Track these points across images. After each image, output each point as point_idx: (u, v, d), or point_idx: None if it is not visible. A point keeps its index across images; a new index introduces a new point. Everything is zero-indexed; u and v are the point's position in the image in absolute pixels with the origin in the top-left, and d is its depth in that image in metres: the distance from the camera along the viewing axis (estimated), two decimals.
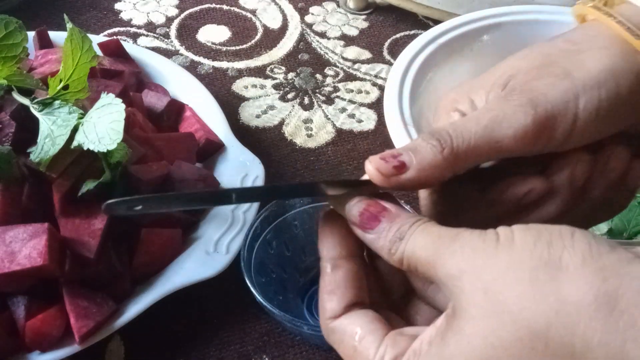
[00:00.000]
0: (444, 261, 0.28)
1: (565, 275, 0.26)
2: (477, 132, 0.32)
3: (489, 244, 0.28)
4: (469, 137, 0.32)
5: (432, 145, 0.32)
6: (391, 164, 0.32)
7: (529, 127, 0.32)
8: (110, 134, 0.48)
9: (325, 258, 0.32)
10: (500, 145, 0.32)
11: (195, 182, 0.58)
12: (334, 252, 0.32)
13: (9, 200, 0.50)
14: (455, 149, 0.32)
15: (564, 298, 0.25)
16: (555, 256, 0.26)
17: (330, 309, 0.31)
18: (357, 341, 0.30)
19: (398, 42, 0.82)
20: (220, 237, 0.55)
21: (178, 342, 0.53)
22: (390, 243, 0.30)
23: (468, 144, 0.32)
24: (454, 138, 0.32)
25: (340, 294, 0.31)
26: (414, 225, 0.30)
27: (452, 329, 0.28)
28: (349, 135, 0.71)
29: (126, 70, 0.67)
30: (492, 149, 0.32)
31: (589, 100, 0.33)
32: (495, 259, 0.27)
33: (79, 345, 0.48)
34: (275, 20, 0.85)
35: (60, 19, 0.60)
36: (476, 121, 0.33)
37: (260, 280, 0.52)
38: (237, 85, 0.75)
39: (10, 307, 0.49)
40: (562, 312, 0.25)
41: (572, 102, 0.33)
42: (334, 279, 0.31)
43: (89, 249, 0.50)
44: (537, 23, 0.70)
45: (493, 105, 0.33)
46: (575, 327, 0.25)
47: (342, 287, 0.31)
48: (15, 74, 0.55)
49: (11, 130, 0.53)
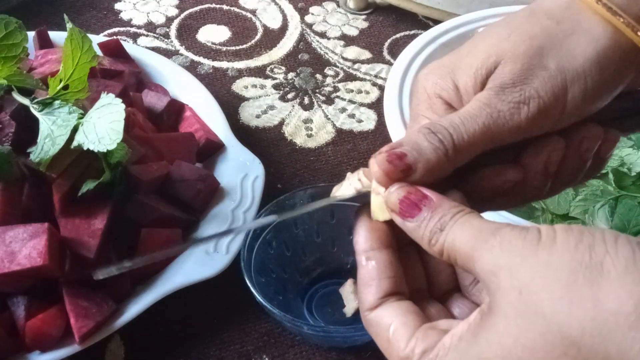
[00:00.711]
0: (481, 255, 0.28)
1: (605, 281, 0.25)
2: (476, 131, 0.33)
3: (530, 242, 0.27)
4: (469, 137, 0.32)
5: (435, 147, 0.32)
6: (399, 168, 0.32)
7: (523, 123, 0.33)
8: (110, 134, 0.48)
9: (359, 251, 0.33)
10: (496, 140, 0.33)
11: (195, 182, 0.58)
12: (366, 245, 0.32)
13: (9, 200, 0.50)
14: (457, 149, 0.32)
15: (602, 305, 0.25)
16: (597, 260, 0.26)
17: (367, 301, 0.31)
18: (391, 333, 0.30)
19: (398, 42, 0.82)
20: (220, 237, 0.55)
21: (178, 342, 0.53)
22: (430, 233, 0.30)
23: (469, 143, 0.32)
24: (455, 139, 0.32)
25: (375, 285, 0.31)
26: (455, 216, 0.30)
27: (484, 326, 0.27)
28: (349, 135, 0.71)
29: (126, 70, 0.67)
30: (488, 144, 0.33)
31: (577, 90, 0.34)
32: (535, 258, 0.27)
33: (79, 345, 0.48)
34: (275, 20, 0.85)
35: (60, 19, 0.60)
36: (475, 120, 0.33)
37: (260, 280, 0.52)
38: (237, 85, 0.75)
39: (10, 307, 0.49)
40: (598, 318, 0.25)
41: (562, 95, 0.34)
42: (367, 271, 0.32)
43: (89, 249, 0.50)
44: None
45: (487, 101, 0.34)
46: (612, 335, 0.24)
47: (376, 279, 0.32)
48: (15, 74, 0.55)
49: (11, 130, 0.53)
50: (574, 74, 0.33)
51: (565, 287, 0.26)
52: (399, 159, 0.32)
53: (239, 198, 0.58)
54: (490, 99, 0.34)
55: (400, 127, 0.59)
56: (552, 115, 0.34)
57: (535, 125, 0.33)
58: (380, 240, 0.33)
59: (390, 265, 0.32)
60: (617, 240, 0.26)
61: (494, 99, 0.34)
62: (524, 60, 0.34)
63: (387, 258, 0.32)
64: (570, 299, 0.25)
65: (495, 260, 0.28)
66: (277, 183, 0.65)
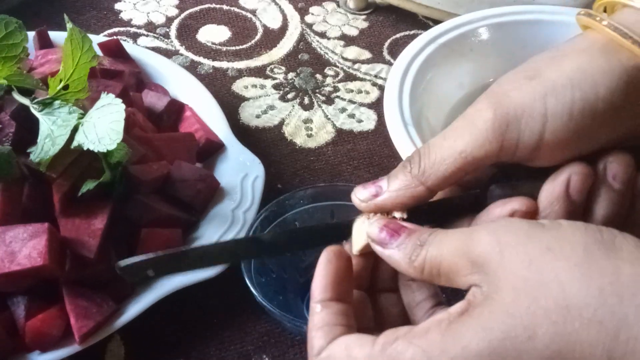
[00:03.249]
0: (480, 239, 0.28)
1: (620, 254, 0.26)
2: (441, 145, 0.32)
3: (535, 226, 0.28)
4: (434, 152, 0.32)
5: (402, 167, 0.33)
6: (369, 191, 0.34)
7: (489, 132, 0.31)
8: (110, 134, 0.48)
9: (315, 299, 0.32)
10: (466, 155, 0.32)
11: (195, 182, 0.58)
12: (325, 295, 0.32)
13: (9, 200, 0.50)
14: (422, 166, 0.32)
15: (620, 270, 0.25)
16: (608, 239, 0.26)
17: (317, 346, 0.31)
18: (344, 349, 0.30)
19: (398, 42, 0.82)
20: (220, 237, 0.55)
21: (178, 342, 0.53)
22: (410, 251, 0.30)
23: (434, 159, 0.32)
24: (422, 156, 0.33)
25: (327, 330, 0.31)
26: (434, 232, 0.31)
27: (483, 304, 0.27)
28: (349, 135, 0.71)
29: (126, 70, 0.67)
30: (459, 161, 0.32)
31: (558, 102, 0.31)
32: (542, 235, 0.27)
33: (79, 345, 0.48)
34: (275, 20, 0.85)
35: (60, 19, 0.60)
36: (443, 136, 0.33)
37: (260, 280, 0.52)
38: (237, 85, 0.75)
39: (10, 307, 0.49)
40: (617, 282, 0.25)
41: (538, 102, 0.31)
42: (322, 318, 0.32)
43: (89, 249, 0.50)
44: (537, 23, 0.70)
45: (460, 115, 0.33)
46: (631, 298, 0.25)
47: (329, 325, 0.31)
48: (15, 74, 0.55)
49: (11, 130, 0.53)
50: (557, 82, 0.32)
51: (582, 256, 0.26)
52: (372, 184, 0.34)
53: (239, 198, 0.58)
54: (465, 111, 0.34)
55: (400, 127, 0.59)
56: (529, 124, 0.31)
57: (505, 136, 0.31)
58: (340, 293, 0.32)
59: (345, 315, 0.32)
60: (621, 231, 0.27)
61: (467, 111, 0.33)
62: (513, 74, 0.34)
63: (342, 309, 0.32)
64: (589, 266, 0.26)
65: (499, 239, 0.28)
66: (277, 183, 0.65)
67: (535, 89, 0.31)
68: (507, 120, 0.31)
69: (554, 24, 0.69)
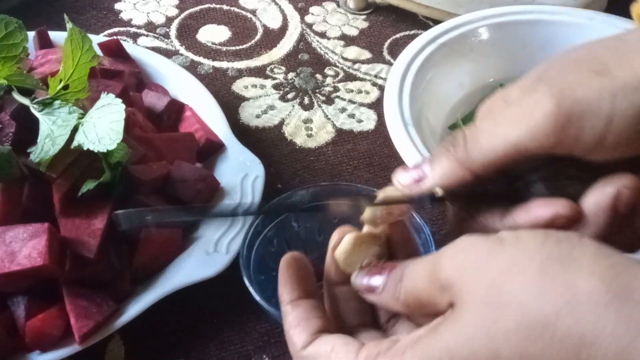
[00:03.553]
0: (444, 265, 0.28)
1: (576, 267, 0.26)
2: (491, 130, 0.31)
3: (494, 243, 0.28)
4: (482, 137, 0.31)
5: (447, 151, 0.32)
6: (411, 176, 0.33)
7: (548, 126, 0.29)
8: (110, 134, 0.48)
9: (285, 302, 0.33)
10: (517, 144, 0.30)
11: (195, 182, 0.58)
12: (293, 295, 0.33)
13: (9, 200, 0.50)
14: (469, 151, 0.31)
15: (576, 288, 0.25)
16: (565, 252, 0.26)
17: (300, 341, 0.31)
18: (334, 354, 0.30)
19: (398, 42, 0.82)
20: (220, 237, 0.55)
21: (178, 342, 0.53)
22: (393, 289, 0.31)
23: (481, 144, 0.31)
24: (468, 139, 0.31)
25: (304, 325, 0.32)
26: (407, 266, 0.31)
27: (448, 321, 0.27)
28: (349, 135, 0.71)
29: (126, 70, 0.67)
30: (508, 149, 0.30)
31: (628, 103, 0.29)
32: (502, 255, 0.27)
33: (79, 345, 0.48)
34: (275, 20, 0.85)
35: (60, 19, 0.60)
36: (493, 120, 0.31)
37: (260, 278, 0.52)
38: (237, 85, 0.75)
39: (10, 307, 0.49)
40: (573, 301, 0.25)
41: (606, 102, 0.29)
42: (296, 315, 0.32)
43: (89, 249, 0.50)
44: (537, 23, 0.70)
45: (513, 100, 0.31)
46: (587, 317, 0.25)
47: (305, 319, 0.32)
48: (15, 74, 0.55)
49: (11, 130, 0.53)
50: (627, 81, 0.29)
51: (538, 275, 0.26)
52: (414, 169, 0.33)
53: (239, 198, 0.58)
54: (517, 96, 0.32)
55: (400, 127, 0.59)
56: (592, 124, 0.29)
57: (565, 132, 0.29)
58: (305, 289, 0.33)
59: (317, 309, 0.33)
60: (581, 237, 0.27)
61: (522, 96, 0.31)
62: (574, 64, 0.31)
63: (313, 303, 0.33)
64: (544, 285, 0.26)
65: (459, 263, 0.28)
66: (277, 183, 0.65)
67: (604, 86, 0.29)
68: (569, 116, 0.29)
69: (554, 24, 0.69)
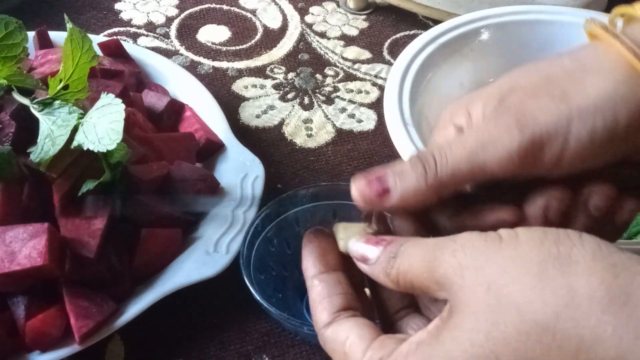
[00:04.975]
0: (443, 260, 0.28)
1: (575, 269, 0.26)
2: (461, 156, 0.32)
3: (492, 242, 0.28)
4: (453, 162, 0.32)
5: (417, 172, 0.32)
6: (374, 190, 0.32)
7: (514, 152, 0.31)
8: (110, 134, 0.48)
9: (309, 277, 0.33)
10: (485, 169, 0.32)
11: (195, 182, 0.58)
12: (316, 270, 0.33)
13: (9, 200, 0.50)
14: (439, 175, 0.32)
15: (575, 291, 0.25)
16: (565, 252, 0.26)
17: (321, 319, 0.31)
18: (347, 347, 0.30)
19: (398, 42, 0.82)
20: (220, 237, 0.55)
21: (178, 342, 0.53)
22: (385, 264, 0.30)
23: (452, 169, 0.32)
24: (438, 164, 0.32)
25: (327, 303, 0.32)
26: (406, 242, 0.30)
27: (448, 327, 0.27)
28: (349, 135, 0.71)
29: (126, 70, 0.67)
30: (476, 173, 0.32)
31: (582, 127, 0.31)
32: (500, 254, 0.27)
33: (79, 345, 0.48)
34: (275, 20, 0.85)
35: (60, 19, 0.60)
36: (462, 145, 0.32)
37: (260, 278, 0.52)
38: (237, 85, 0.75)
39: (10, 307, 0.49)
40: (572, 304, 0.25)
41: (563, 128, 0.31)
42: (318, 291, 0.32)
43: (89, 249, 0.50)
44: (537, 23, 0.70)
45: (481, 126, 0.33)
46: (586, 320, 0.25)
47: (328, 296, 0.32)
48: (15, 74, 0.55)
49: (11, 130, 0.53)
50: (582, 106, 0.31)
51: (537, 277, 0.26)
52: (378, 181, 0.32)
53: (239, 198, 0.58)
54: (486, 122, 0.33)
55: (400, 127, 0.59)
56: (551, 149, 0.31)
57: (529, 157, 0.31)
58: (329, 265, 0.33)
59: (340, 284, 0.32)
60: (581, 235, 0.27)
61: (489, 123, 0.33)
62: (533, 89, 0.33)
63: (336, 278, 0.32)
64: (543, 288, 0.26)
65: (458, 262, 0.28)
66: (277, 183, 0.65)
67: (562, 112, 0.31)
68: (533, 143, 0.31)
69: (554, 24, 0.69)
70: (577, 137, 0.31)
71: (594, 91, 0.32)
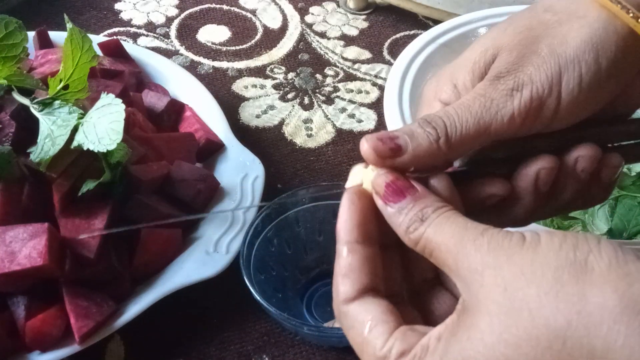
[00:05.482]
0: (468, 253, 0.28)
1: (590, 277, 0.25)
2: (468, 120, 0.33)
3: (516, 242, 0.28)
4: (461, 126, 0.32)
5: (428, 133, 0.32)
6: (388, 146, 0.32)
7: (516, 112, 0.33)
8: (110, 134, 0.48)
9: (341, 241, 0.31)
10: (490, 130, 0.33)
11: (195, 182, 0.58)
12: (351, 236, 0.31)
13: (9, 200, 0.50)
14: (449, 137, 0.32)
15: (588, 299, 0.25)
16: (581, 258, 0.26)
17: (344, 292, 0.30)
18: (368, 330, 0.29)
19: (398, 42, 0.82)
20: (220, 237, 0.55)
21: (178, 342, 0.53)
22: (410, 221, 0.30)
23: (461, 132, 0.32)
24: (448, 127, 0.32)
25: (354, 278, 0.30)
26: (439, 210, 0.30)
27: (464, 325, 0.27)
28: (349, 135, 0.71)
29: (126, 70, 0.67)
30: (483, 135, 0.33)
31: (570, 77, 0.33)
32: (519, 256, 0.27)
33: (79, 345, 0.48)
34: (275, 20, 0.85)
35: (60, 19, 0.60)
36: (468, 109, 0.33)
37: (260, 278, 0.52)
38: (237, 85, 0.75)
39: (10, 307, 0.49)
40: (584, 312, 0.25)
41: (557, 82, 0.33)
42: (348, 263, 0.31)
43: (89, 249, 0.50)
44: None
45: (482, 91, 0.33)
46: (598, 328, 0.25)
47: (356, 271, 0.30)
48: (15, 74, 0.55)
49: (11, 130, 0.53)
50: (567, 58, 0.33)
51: (551, 282, 0.26)
52: (390, 139, 0.32)
53: (239, 198, 0.58)
54: (485, 88, 0.34)
55: (400, 126, 0.59)
56: (548, 105, 0.33)
57: (530, 115, 0.33)
58: (365, 235, 0.31)
59: (371, 262, 0.31)
60: (599, 241, 0.27)
61: (488, 89, 0.33)
62: (519, 49, 0.34)
63: (370, 254, 0.31)
64: (556, 294, 0.26)
65: (482, 258, 0.28)
66: (277, 183, 0.65)
67: (553, 68, 0.33)
68: (532, 101, 0.33)
69: None
70: (567, 87, 0.33)
71: (572, 40, 0.33)
